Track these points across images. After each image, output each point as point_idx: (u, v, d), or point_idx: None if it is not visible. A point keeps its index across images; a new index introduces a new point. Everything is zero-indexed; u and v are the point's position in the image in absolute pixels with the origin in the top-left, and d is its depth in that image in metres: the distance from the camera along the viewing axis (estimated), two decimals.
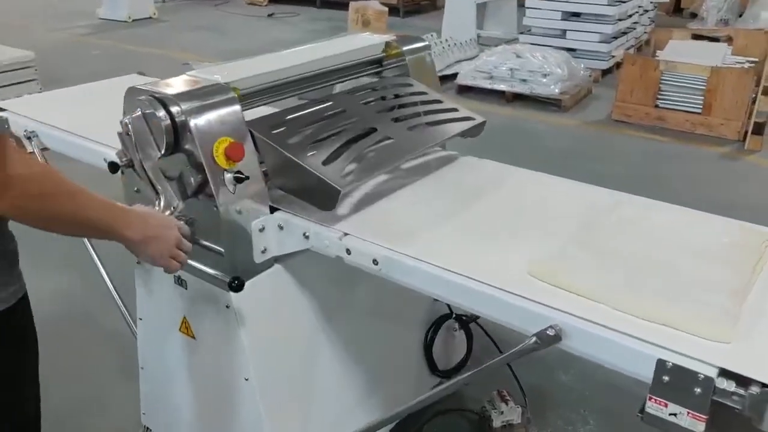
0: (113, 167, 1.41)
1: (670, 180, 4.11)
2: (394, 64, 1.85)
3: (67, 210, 1.10)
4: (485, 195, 1.56)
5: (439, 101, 1.77)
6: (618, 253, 1.27)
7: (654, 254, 1.28)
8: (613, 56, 6.27)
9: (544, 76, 5.36)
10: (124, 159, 1.41)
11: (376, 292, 1.82)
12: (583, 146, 4.73)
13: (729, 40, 6.25)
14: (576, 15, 6.15)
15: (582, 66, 5.71)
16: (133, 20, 8.84)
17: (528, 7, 6.32)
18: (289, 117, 1.50)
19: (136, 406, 1.85)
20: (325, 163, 1.39)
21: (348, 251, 1.35)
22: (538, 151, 4.52)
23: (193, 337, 1.59)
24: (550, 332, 1.09)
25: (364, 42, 1.79)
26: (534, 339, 1.12)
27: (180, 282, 1.55)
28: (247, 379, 1.50)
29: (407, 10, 9.64)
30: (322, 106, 1.58)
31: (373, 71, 1.83)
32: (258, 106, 1.51)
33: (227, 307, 1.45)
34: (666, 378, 1.00)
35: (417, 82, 1.82)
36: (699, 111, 4.74)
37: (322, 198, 1.37)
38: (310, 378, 1.69)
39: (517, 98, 5.53)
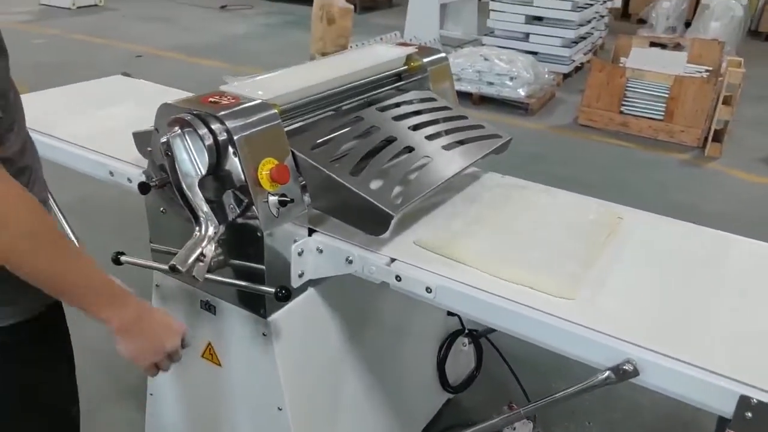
0: (144, 188, 1.31)
1: (636, 185, 4.23)
2: (415, 77, 1.80)
3: (55, 269, 0.95)
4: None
5: (464, 117, 1.74)
6: (504, 229, 1.45)
7: (533, 230, 1.46)
8: (574, 60, 6.40)
9: (511, 79, 5.41)
10: (154, 179, 1.32)
11: (394, 308, 1.78)
12: (551, 151, 4.80)
13: (676, 46, 6.49)
14: (539, 19, 6.24)
15: (546, 70, 5.80)
16: (78, 7, 8.45)
17: (492, 10, 6.36)
18: (326, 134, 1.43)
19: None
20: (373, 185, 1.33)
21: (398, 278, 1.30)
22: (509, 155, 4.53)
23: (219, 364, 1.50)
24: (627, 367, 1.08)
25: (388, 55, 1.74)
26: (607, 373, 1.11)
27: (207, 307, 1.46)
28: (280, 409, 1.43)
29: (364, 6, 9.57)
30: (355, 121, 1.52)
31: (394, 84, 1.77)
32: (295, 123, 1.43)
33: (264, 335, 1.38)
34: (749, 414, 1.01)
35: (439, 97, 1.79)
36: (661, 118, 4.89)
37: (371, 223, 1.31)
38: (337, 401, 1.63)
39: (484, 100, 5.57)
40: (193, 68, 6.29)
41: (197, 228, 1.26)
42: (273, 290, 1.25)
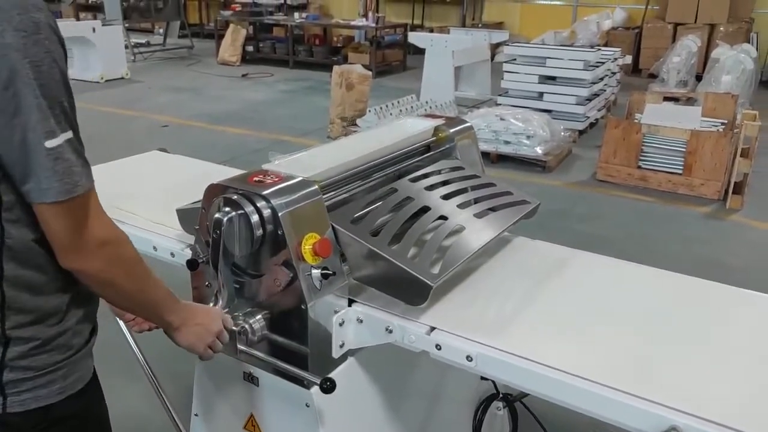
0: (192, 264, 1.37)
1: (659, 240, 4.23)
2: (443, 147, 1.87)
3: (140, 285, 1.12)
4: (555, 280, 1.57)
5: (492, 184, 1.80)
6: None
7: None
8: (588, 117, 6.51)
9: (528, 137, 5.50)
10: (202, 256, 1.38)
11: (430, 373, 1.79)
12: (572, 207, 4.83)
13: (689, 100, 6.61)
14: (552, 79, 6.39)
15: (561, 127, 5.90)
16: (106, 81, 8.78)
17: (506, 71, 6.54)
18: (363, 207, 1.49)
19: None
20: (413, 256, 1.38)
21: (438, 347, 1.32)
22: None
23: None
24: None
25: (418, 127, 1.81)
26: None
27: (250, 379, 1.49)
28: None
29: (379, 70, 9.85)
30: (390, 193, 1.58)
31: (423, 155, 1.84)
32: (333, 197, 1.49)
33: (307, 405, 1.40)
34: None
35: (466, 166, 1.85)
36: (680, 172, 4.93)
37: (410, 293, 1.35)
38: None
39: (502, 158, 5.66)
40: (218, 135, 6.48)
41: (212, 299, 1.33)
42: (318, 381, 1.28)
